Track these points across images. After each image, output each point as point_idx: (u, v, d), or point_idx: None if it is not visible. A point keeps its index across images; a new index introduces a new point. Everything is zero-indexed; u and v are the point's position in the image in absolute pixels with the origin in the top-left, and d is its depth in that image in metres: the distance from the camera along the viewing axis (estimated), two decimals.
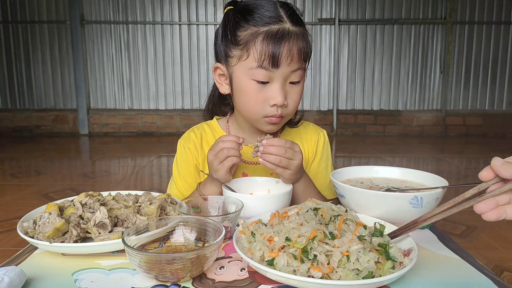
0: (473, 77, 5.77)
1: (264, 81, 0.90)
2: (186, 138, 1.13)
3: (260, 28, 0.89)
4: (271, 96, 0.91)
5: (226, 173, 0.89)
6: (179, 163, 1.11)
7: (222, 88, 1.01)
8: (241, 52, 0.91)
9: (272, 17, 0.89)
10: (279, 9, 0.91)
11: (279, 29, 0.88)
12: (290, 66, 0.89)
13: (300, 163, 0.89)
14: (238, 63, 0.92)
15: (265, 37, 0.88)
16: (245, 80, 0.92)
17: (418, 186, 0.87)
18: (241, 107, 0.98)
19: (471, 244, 2.03)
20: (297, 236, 0.60)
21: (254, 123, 1.00)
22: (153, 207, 0.77)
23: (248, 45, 0.89)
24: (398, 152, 4.66)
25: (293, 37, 0.89)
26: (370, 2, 5.65)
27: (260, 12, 0.90)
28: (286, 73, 0.90)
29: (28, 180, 3.32)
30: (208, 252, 0.59)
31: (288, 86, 0.93)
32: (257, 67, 0.89)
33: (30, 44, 5.69)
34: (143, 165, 3.94)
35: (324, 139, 1.14)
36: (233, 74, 0.95)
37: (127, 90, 5.85)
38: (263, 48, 0.88)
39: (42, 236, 0.67)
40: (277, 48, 0.87)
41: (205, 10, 5.67)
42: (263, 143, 0.86)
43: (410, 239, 0.65)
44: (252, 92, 0.92)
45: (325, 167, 1.12)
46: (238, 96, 0.96)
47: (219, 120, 1.14)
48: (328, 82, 5.82)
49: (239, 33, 0.91)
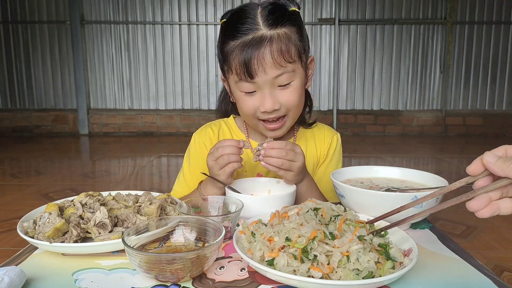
0: (473, 77, 5.77)
1: (249, 91, 0.92)
2: (202, 133, 1.12)
3: (236, 41, 0.90)
4: (260, 104, 0.92)
5: (227, 178, 0.89)
6: (191, 157, 1.11)
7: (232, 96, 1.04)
8: (227, 67, 0.94)
9: (246, 27, 0.89)
10: (258, 14, 0.90)
11: (252, 38, 0.88)
12: (268, 72, 0.88)
13: (302, 164, 0.89)
14: (229, 76, 0.96)
15: (239, 50, 0.89)
16: (236, 92, 0.96)
17: (418, 186, 0.87)
18: (241, 114, 1.03)
19: (471, 244, 2.03)
20: (297, 236, 0.60)
21: (256, 129, 1.03)
22: (153, 207, 0.77)
23: (229, 61, 0.91)
24: (398, 152, 4.66)
25: (268, 41, 0.87)
26: (370, 2, 5.65)
27: (237, 26, 0.90)
28: (269, 80, 0.89)
29: (28, 180, 3.32)
30: (208, 252, 0.59)
31: (277, 90, 0.92)
32: (239, 81, 0.91)
33: (30, 44, 5.69)
34: (143, 165, 3.94)
35: (337, 142, 1.14)
36: (230, 86, 0.99)
37: (127, 90, 5.84)
38: (237, 61, 0.89)
39: (42, 236, 0.67)
40: (248, 59, 0.87)
41: (205, 10, 5.67)
42: (264, 146, 0.86)
43: (410, 239, 0.65)
44: (243, 101, 0.95)
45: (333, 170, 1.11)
46: (237, 104, 1.00)
47: (236, 119, 1.14)
48: (328, 82, 5.82)
49: (224, 49, 0.93)
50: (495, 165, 0.52)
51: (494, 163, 0.52)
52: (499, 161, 0.52)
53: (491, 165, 0.52)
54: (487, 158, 0.53)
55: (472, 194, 0.54)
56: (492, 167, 0.52)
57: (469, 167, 0.55)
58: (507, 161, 0.51)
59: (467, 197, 0.55)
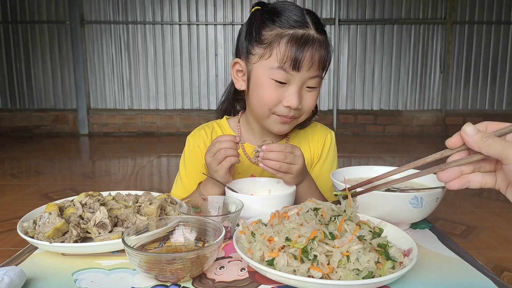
0: (473, 77, 5.77)
1: (282, 81, 0.92)
2: (196, 135, 1.13)
3: (286, 30, 0.90)
4: (287, 97, 0.93)
5: (225, 173, 0.89)
6: (186, 159, 1.12)
7: (238, 83, 1.03)
8: (264, 51, 0.93)
9: (299, 21, 0.91)
10: (305, 15, 0.93)
11: (304, 34, 0.90)
12: (310, 71, 0.91)
13: (301, 166, 0.89)
14: (259, 61, 0.94)
15: (289, 39, 0.90)
16: (264, 78, 0.93)
17: (418, 186, 0.87)
18: (254, 103, 0.99)
19: (471, 244, 2.03)
20: (297, 236, 0.60)
21: (264, 122, 1.00)
22: (153, 207, 0.77)
23: (272, 45, 0.91)
24: (398, 152, 4.66)
25: (316, 44, 0.91)
26: (370, 2, 5.65)
27: (287, 15, 0.92)
28: (305, 78, 0.92)
29: (28, 180, 3.31)
30: (208, 252, 0.59)
31: (304, 91, 0.94)
32: (277, 68, 0.91)
33: (30, 44, 5.69)
34: (143, 165, 3.94)
35: (331, 140, 1.14)
36: (253, 71, 0.96)
37: (127, 90, 5.84)
38: (286, 50, 0.89)
39: (42, 236, 0.67)
40: (300, 52, 0.89)
41: (205, 10, 5.67)
42: (262, 148, 0.86)
43: (410, 239, 0.65)
44: (269, 89, 0.93)
45: (329, 169, 1.12)
46: (254, 92, 0.97)
47: (229, 120, 1.15)
48: (328, 82, 5.81)
49: (264, 32, 0.93)
50: (472, 139, 0.52)
51: (472, 136, 0.52)
52: (476, 135, 0.52)
53: (469, 138, 0.53)
54: (466, 129, 0.53)
55: (444, 166, 0.55)
56: (468, 140, 0.53)
57: (449, 139, 0.56)
58: (484, 137, 0.51)
59: (440, 168, 0.56)
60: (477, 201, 2.69)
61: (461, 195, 2.81)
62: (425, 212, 0.77)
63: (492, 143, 0.50)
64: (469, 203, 2.66)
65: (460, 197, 2.78)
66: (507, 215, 2.41)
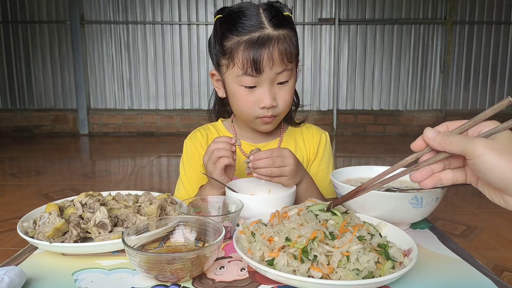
0: (473, 77, 5.77)
1: (251, 85, 0.95)
2: (192, 137, 1.16)
3: (242, 37, 0.93)
4: (260, 99, 0.95)
5: (220, 174, 0.90)
6: (185, 163, 1.14)
7: (220, 92, 1.07)
8: (228, 61, 0.96)
9: (253, 25, 0.93)
10: (261, 14, 0.94)
11: (259, 36, 0.92)
12: (274, 69, 0.93)
13: (293, 167, 0.89)
14: (227, 71, 0.98)
15: (246, 46, 0.92)
16: (235, 86, 0.97)
17: (418, 186, 0.86)
18: (235, 110, 1.04)
19: (471, 244, 2.03)
20: (297, 237, 0.60)
21: (250, 124, 1.05)
22: (153, 207, 0.77)
23: (233, 55, 0.94)
24: (398, 152, 4.66)
25: (274, 41, 0.92)
26: (370, 2, 5.65)
27: (242, 22, 0.94)
28: (272, 76, 0.94)
29: (28, 180, 3.32)
30: (208, 252, 0.59)
31: (276, 87, 0.97)
32: (242, 75, 0.94)
33: (30, 44, 5.69)
34: (143, 165, 3.94)
35: (326, 140, 1.17)
36: (225, 80, 1.00)
37: (127, 90, 5.85)
38: (245, 56, 0.92)
39: (42, 236, 0.67)
40: (258, 55, 0.91)
41: (205, 10, 5.67)
42: (250, 158, 0.87)
43: (410, 239, 0.65)
44: (242, 96, 0.97)
45: (325, 167, 1.14)
46: (231, 100, 1.02)
47: (224, 122, 1.19)
48: (328, 82, 5.82)
49: (225, 43, 0.95)
50: (434, 141, 0.54)
51: (433, 139, 0.54)
52: (438, 137, 0.54)
53: (431, 141, 0.55)
54: (427, 134, 0.55)
55: (415, 167, 0.58)
56: (431, 143, 0.55)
57: (413, 143, 0.58)
58: (445, 136, 0.53)
59: (411, 170, 0.58)
60: (477, 201, 2.69)
61: (461, 195, 2.81)
62: (425, 212, 0.77)
63: (454, 140, 0.52)
64: (469, 203, 2.66)
65: (460, 197, 2.78)
66: (507, 215, 2.41)
